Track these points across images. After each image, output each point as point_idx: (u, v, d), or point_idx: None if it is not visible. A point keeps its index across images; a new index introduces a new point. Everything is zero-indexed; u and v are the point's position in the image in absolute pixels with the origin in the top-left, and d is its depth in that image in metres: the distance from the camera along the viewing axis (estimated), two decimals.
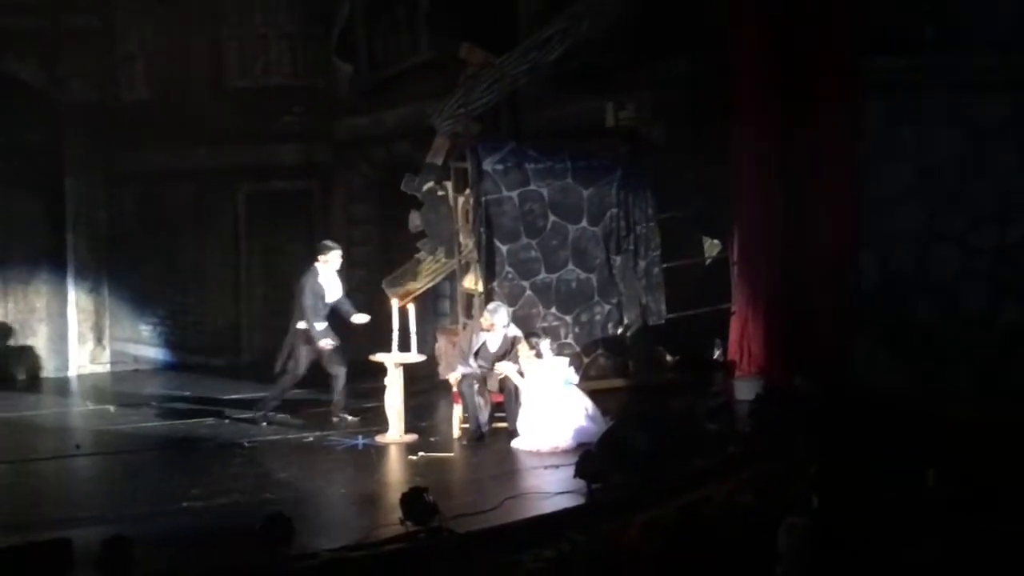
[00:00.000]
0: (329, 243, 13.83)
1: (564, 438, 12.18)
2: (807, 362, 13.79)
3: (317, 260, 13.57)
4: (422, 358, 13.23)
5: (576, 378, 12.82)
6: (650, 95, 14.96)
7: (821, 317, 13.73)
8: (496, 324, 12.84)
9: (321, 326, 13.36)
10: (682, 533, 7.04)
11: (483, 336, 12.89)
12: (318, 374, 16.22)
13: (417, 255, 15.14)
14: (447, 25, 15.96)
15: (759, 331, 13.94)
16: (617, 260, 14.46)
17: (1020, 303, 12.99)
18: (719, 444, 11.66)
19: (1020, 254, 13.00)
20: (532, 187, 14.26)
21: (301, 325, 13.40)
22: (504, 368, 12.67)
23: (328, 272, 13.56)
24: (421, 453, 12.24)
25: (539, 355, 12.80)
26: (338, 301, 13.54)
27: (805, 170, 13.87)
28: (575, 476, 10.80)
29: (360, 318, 13.49)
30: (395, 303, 13.48)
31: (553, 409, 12.36)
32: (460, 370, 12.77)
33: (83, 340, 17.45)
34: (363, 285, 17.03)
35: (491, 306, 13.10)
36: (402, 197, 15.37)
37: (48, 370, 17.34)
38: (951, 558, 6.95)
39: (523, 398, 12.54)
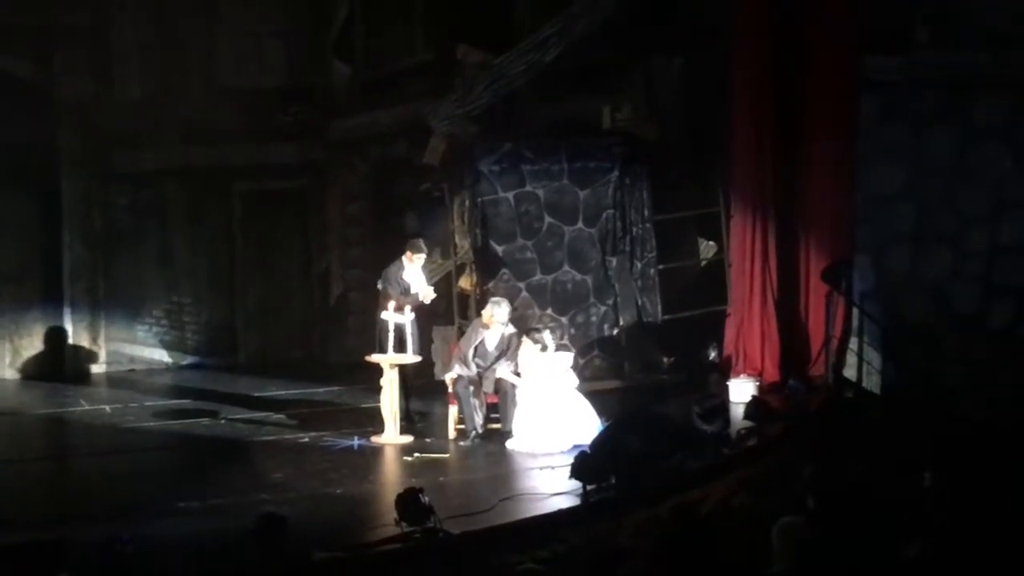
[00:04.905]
0: (422, 244, 13.53)
1: (559, 439, 12.17)
2: (802, 363, 13.83)
3: (404, 254, 13.34)
4: (418, 359, 13.22)
5: (574, 379, 12.82)
6: (646, 95, 14.97)
7: (815, 318, 13.75)
8: (496, 318, 12.80)
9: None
10: (677, 534, 7.03)
11: (482, 333, 12.87)
12: (315, 371, 16.19)
13: None
14: (444, 26, 15.94)
15: (754, 333, 13.97)
16: (613, 261, 14.46)
17: (1013, 305, 12.98)
18: (714, 445, 11.66)
19: (1013, 255, 12.99)
20: (528, 188, 14.27)
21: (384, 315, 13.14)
22: (500, 370, 12.66)
23: (413, 269, 13.34)
24: (416, 454, 12.24)
25: (544, 348, 12.74)
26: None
27: (800, 169, 13.90)
28: (570, 477, 10.82)
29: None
30: (391, 303, 13.46)
31: (548, 410, 12.36)
32: (456, 371, 12.75)
33: (78, 340, 17.38)
34: (358, 285, 17.04)
35: (495, 298, 13.08)
36: (398, 197, 15.35)
37: (43, 370, 17.26)
38: (946, 558, 6.95)
39: (518, 399, 12.55)
